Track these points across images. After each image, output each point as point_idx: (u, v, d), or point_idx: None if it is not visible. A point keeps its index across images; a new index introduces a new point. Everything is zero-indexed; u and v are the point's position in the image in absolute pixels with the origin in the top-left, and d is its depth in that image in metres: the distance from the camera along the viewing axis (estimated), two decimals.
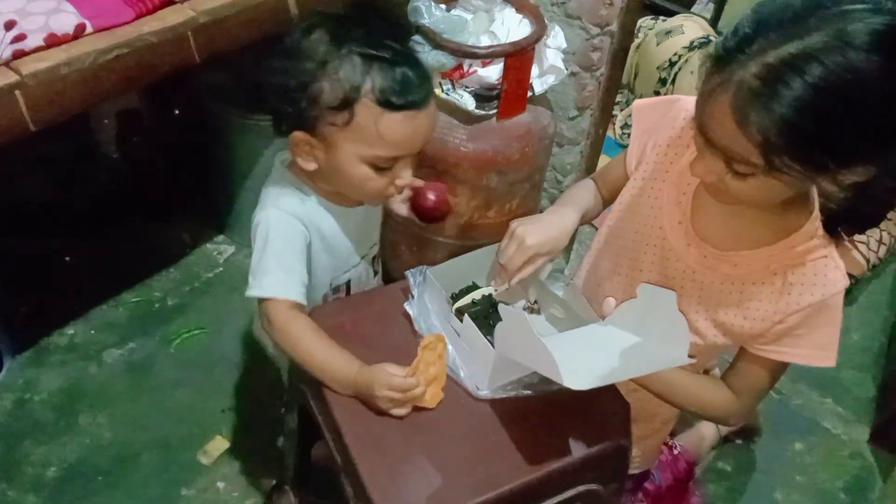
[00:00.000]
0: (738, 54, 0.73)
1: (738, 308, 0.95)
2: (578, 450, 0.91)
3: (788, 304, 0.91)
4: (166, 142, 2.02)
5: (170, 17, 1.17)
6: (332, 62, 0.93)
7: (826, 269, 0.89)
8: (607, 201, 1.13)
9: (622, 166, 1.08)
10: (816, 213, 0.90)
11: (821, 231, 0.90)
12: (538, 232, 0.99)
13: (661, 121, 1.02)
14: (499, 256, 1.01)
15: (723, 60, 0.75)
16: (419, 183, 1.09)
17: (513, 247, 0.99)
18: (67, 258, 1.90)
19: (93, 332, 1.75)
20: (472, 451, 0.89)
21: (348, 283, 1.18)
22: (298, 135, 0.98)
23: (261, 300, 1.02)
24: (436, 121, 1.02)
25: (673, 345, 0.88)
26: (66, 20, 1.09)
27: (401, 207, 1.19)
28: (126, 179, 2.02)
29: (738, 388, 0.99)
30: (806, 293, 0.90)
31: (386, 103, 0.93)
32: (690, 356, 0.88)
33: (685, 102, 1.00)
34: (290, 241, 1.03)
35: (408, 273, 1.05)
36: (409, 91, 0.94)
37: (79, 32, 1.09)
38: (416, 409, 0.93)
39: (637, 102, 1.08)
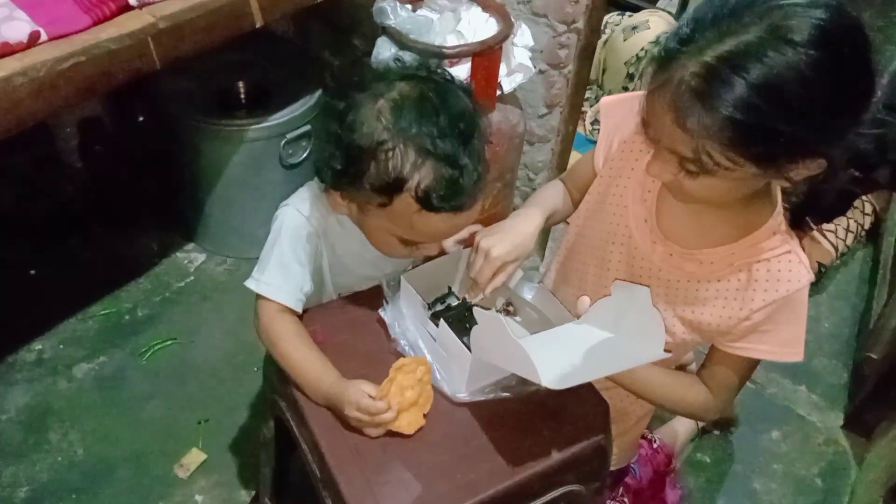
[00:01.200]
0: (679, 54, 0.73)
1: (705, 306, 0.95)
2: (558, 451, 0.91)
3: (754, 301, 0.91)
4: (130, 149, 1.98)
5: (128, 24, 1.14)
6: (385, 147, 0.88)
7: (790, 264, 0.90)
8: (577, 201, 1.13)
9: (590, 164, 1.08)
10: (779, 208, 0.91)
11: (784, 226, 0.91)
12: (502, 242, 0.99)
13: (628, 118, 1.01)
14: (468, 271, 1.01)
15: (664, 60, 0.75)
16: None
17: (479, 260, 0.99)
18: (32, 271, 1.85)
19: (61, 346, 1.71)
20: (451, 457, 0.89)
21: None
22: (334, 193, 0.97)
23: (256, 293, 1.01)
24: (478, 211, 0.96)
25: (649, 340, 0.88)
26: (20, 28, 1.05)
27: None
28: (90, 189, 1.98)
29: (712, 385, 1.00)
30: (771, 289, 0.90)
31: (426, 204, 0.89)
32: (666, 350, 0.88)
33: None
34: (297, 246, 1.01)
35: (381, 278, 1.04)
36: (454, 197, 0.89)
37: (33, 41, 1.06)
38: (393, 433, 0.90)
39: (604, 99, 1.07)
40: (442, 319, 0.98)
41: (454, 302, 1.06)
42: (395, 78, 0.93)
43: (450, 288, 1.09)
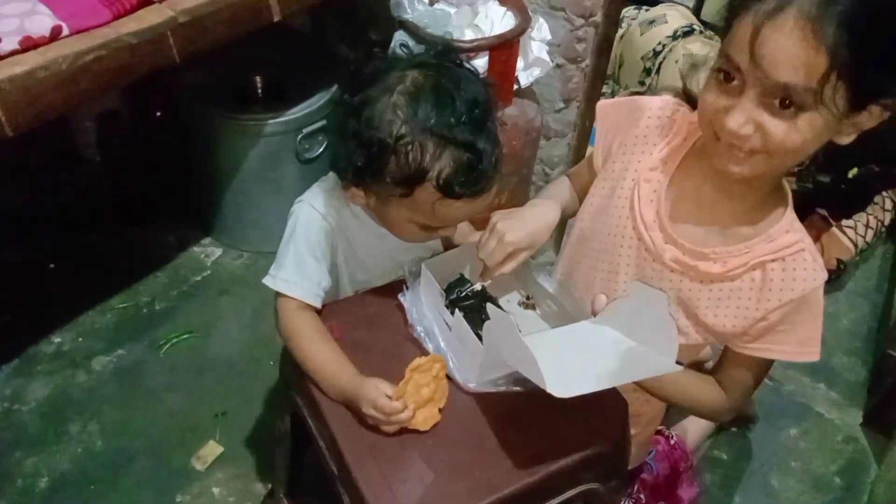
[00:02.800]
0: None
1: (718, 307, 0.94)
2: (577, 449, 0.90)
3: (769, 301, 0.90)
4: (148, 144, 1.99)
5: (148, 18, 1.15)
6: (405, 141, 0.88)
7: (805, 262, 0.89)
8: (581, 199, 1.12)
9: (590, 166, 1.08)
10: (791, 206, 0.90)
11: (797, 224, 0.90)
12: (518, 227, 0.98)
13: (625, 120, 1.01)
14: (479, 251, 0.99)
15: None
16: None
17: (492, 242, 0.97)
18: (52, 265, 1.87)
19: (80, 339, 1.73)
20: (469, 454, 0.88)
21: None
22: (353, 188, 0.97)
23: (275, 291, 1.02)
24: (494, 193, 0.97)
25: (662, 350, 0.88)
26: (42, 22, 1.06)
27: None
28: (108, 183, 1.99)
29: (727, 385, 1.00)
30: (786, 289, 0.89)
31: (447, 192, 0.90)
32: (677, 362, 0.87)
33: (646, 102, 0.99)
34: (312, 241, 1.01)
35: (398, 272, 1.04)
36: (474, 183, 0.90)
37: (55, 35, 1.07)
38: (408, 431, 0.90)
39: (600, 103, 1.07)
40: (458, 309, 0.98)
41: (472, 289, 1.06)
42: (406, 67, 0.92)
43: (462, 274, 1.09)
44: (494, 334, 0.90)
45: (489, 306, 0.90)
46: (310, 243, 1.00)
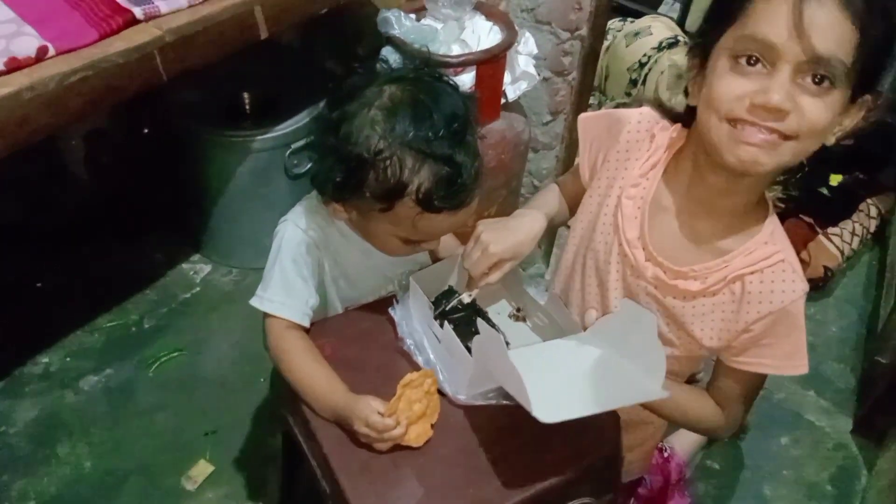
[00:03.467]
0: None
1: (703, 322, 0.95)
2: (570, 464, 0.90)
3: (749, 314, 0.90)
4: (136, 161, 1.98)
5: (135, 37, 1.14)
6: (383, 156, 0.88)
7: (783, 274, 0.89)
8: (571, 207, 1.13)
9: (577, 176, 1.08)
10: (771, 217, 0.90)
11: (777, 235, 0.90)
12: (503, 237, 0.98)
13: (606, 135, 1.02)
14: (463, 261, 1.00)
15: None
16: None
17: (477, 253, 0.98)
18: (38, 284, 1.85)
19: (68, 359, 1.71)
20: (462, 471, 0.88)
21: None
22: (334, 203, 0.98)
23: (263, 311, 1.02)
24: (475, 206, 0.97)
25: (648, 375, 0.87)
26: (28, 43, 1.06)
27: None
28: (96, 200, 1.98)
29: (720, 400, 1.00)
30: (765, 301, 0.89)
31: (427, 206, 0.90)
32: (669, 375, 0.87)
33: (625, 115, 1.00)
34: (298, 261, 1.01)
35: (387, 288, 1.04)
36: (454, 197, 0.90)
37: (41, 55, 1.06)
38: (401, 447, 0.90)
39: (581, 116, 1.08)
40: (447, 322, 0.98)
41: (462, 301, 1.06)
42: (384, 82, 0.93)
43: (450, 286, 1.09)
44: (483, 351, 0.90)
45: (479, 322, 0.90)
46: (296, 262, 1.00)
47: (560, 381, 0.88)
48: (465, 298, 1.04)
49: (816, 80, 0.75)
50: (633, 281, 0.98)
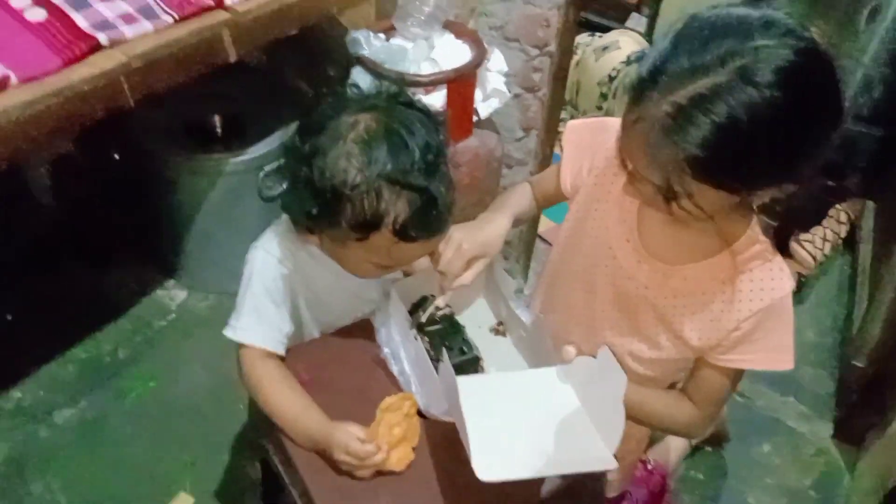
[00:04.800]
0: (652, 89, 0.75)
1: (693, 321, 0.96)
2: (553, 482, 0.89)
3: (740, 312, 0.92)
4: (105, 186, 1.95)
5: (100, 63, 1.13)
6: (360, 190, 0.87)
7: (772, 272, 0.91)
8: (541, 206, 1.17)
9: (555, 179, 1.10)
10: (755, 218, 0.91)
11: (762, 235, 0.92)
12: (473, 235, 1.02)
13: (594, 141, 1.03)
14: (438, 264, 1.00)
15: (638, 94, 0.77)
16: None
17: (450, 251, 0.99)
18: (8, 316, 1.81)
19: (41, 392, 1.67)
20: (442, 493, 0.87)
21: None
22: (308, 234, 0.97)
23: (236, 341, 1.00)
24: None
25: (604, 440, 0.87)
26: None
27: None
28: (65, 227, 1.94)
29: (699, 399, 1.01)
30: (755, 299, 0.91)
31: (404, 237, 0.90)
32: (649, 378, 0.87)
33: (614, 122, 1.00)
34: (270, 287, 1.00)
35: (360, 311, 1.04)
36: (430, 226, 0.91)
37: (3, 85, 1.04)
38: (382, 473, 0.88)
39: (570, 123, 1.10)
40: (419, 337, 0.98)
41: (437, 306, 1.06)
42: (357, 111, 0.91)
43: (425, 296, 1.09)
44: (443, 384, 0.89)
45: (442, 366, 0.89)
46: (268, 289, 0.99)
47: (513, 426, 0.88)
48: (440, 303, 1.04)
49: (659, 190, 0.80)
50: (623, 283, 0.99)
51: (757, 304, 0.91)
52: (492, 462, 0.80)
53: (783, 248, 0.90)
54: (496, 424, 0.84)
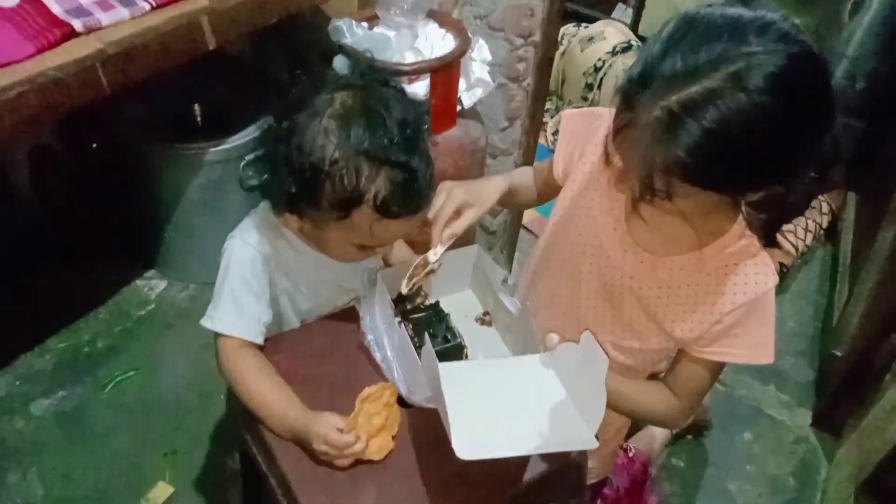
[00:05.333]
0: (643, 92, 0.74)
1: (676, 312, 0.96)
2: (534, 471, 0.89)
3: (723, 305, 0.92)
4: (84, 177, 1.93)
5: (75, 51, 1.10)
6: (339, 166, 0.87)
7: (756, 267, 0.91)
8: (540, 193, 1.17)
9: (549, 168, 1.11)
10: (742, 213, 0.91)
11: (749, 230, 0.91)
12: (467, 186, 1.02)
13: (585, 130, 1.03)
14: (430, 211, 0.99)
15: (629, 96, 0.76)
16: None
17: (442, 196, 0.99)
18: None
19: (17, 383, 1.65)
20: (424, 486, 0.87)
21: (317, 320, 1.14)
22: (287, 214, 0.96)
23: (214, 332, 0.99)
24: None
25: (585, 421, 0.87)
26: None
27: None
28: (43, 218, 1.92)
29: (679, 390, 1.01)
30: (739, 293, 0.91)
31: (385, 213, 0.89)
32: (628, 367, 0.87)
33: (604, 112, 1.01)
34: (248, 277, 0.99)
35: (340, 300, 1.03)
36: (411, 202, 0.91)
37: None
38: (362, 462, 0.88)
39: (565, 112, 1.10)
40: (403, 324, 0.97)
41: (425, 302, 1.06)
42: (333, 90, 0.91)
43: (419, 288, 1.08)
44: (425, 368, 0.89)
45: (425, 349, 0.88)
46: (245, 279, 0.98)
47: (494, 410, 0.87)
48: (431, 257, 1.02)
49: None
50: (608, 272, 0.99)
51: (741, 297, 0.91)
52: (471, 441, 0.79)
53: (770, 242, 0.90)
54: (477, 407, 0.84)
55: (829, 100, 0.74)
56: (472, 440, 0.80)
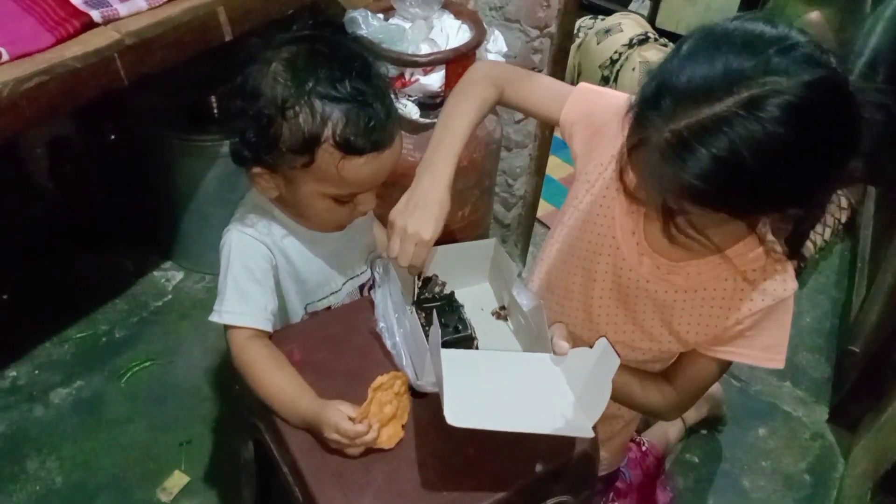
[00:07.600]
0: (655, 112, 0.71)
1: (692, 316, 0.95)
2: (544, 462, 0.89)
3: (740, 311, 0.91)
4: (102, 168, 1.95)
5: (93, 41, 1.12)
6: (291, 106, 0.90)
7: (775, 273, 0.90)
8: (512, 106, 1.09)
9: (557, 108, 1.02)
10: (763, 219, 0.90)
11: (769, 235, 0.90)
12: (426, 219, 0.93)
13: (603, 111, 0.97)
14: (398, 260, 0.94)
15: (642, 114, 0.73)
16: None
17: (410, 246, 0.93)
18: (5, 296, 1.81)
19: (37, 371, 1.67)
20: (435, 474, 0.87)
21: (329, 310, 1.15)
22: (257, 170, 0.97)
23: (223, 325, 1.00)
24: (401, 150, 1.00)
25: (585, 411, 0.86)
26: None
27: None
28: (62, 209, 1.94)
29: (680, 383, 1.00)
30: (757, 299, 0.90)
31: (347, 148, 0.91)
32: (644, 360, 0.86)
33: (623, 101, 0.98)
34: (250, 265, 1.00)
35: (376, 261, 1.03)
36: (372, 135, 0.91)
37: None
38: (373, 450, 0.88)
39: (582, 84, 1.04)
40: (412, 309, 0.98)
41: (441, 293, 1.06)
42: (281, 43, 0.95)
43: (433, 276, 1.09)
44: (432, 343, 0.89)
45: (432, 329, 0.88)
46: (247, 268, 0.99)
47: (492, 390, 0.87)
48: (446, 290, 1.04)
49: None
50: (624, 274, 0.98)
51: (759, 304, 0.90)
52: (463, 411, 0.79)
53: (794, 255, 0.87)
54: (476, 385, 0.84)
55: (852, 127, 0.70)
56: (464, 411, 0.79)
